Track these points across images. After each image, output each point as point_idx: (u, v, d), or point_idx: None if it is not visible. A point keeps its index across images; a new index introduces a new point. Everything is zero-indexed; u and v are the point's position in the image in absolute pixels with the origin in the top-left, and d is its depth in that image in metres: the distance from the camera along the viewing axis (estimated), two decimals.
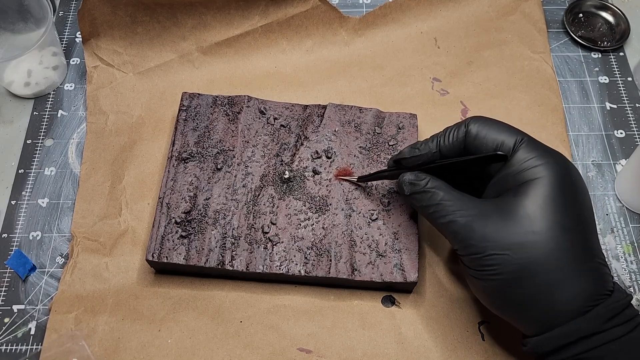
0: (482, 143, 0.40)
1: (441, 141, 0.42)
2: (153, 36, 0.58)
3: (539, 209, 0.36)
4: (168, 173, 0.49)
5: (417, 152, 0.43)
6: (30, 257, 0.49)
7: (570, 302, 0.35)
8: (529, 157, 0.38)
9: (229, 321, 0.46)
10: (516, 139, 0.39)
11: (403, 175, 0.43)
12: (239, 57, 0.60)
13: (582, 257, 0.36)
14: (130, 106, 0.57)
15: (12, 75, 0.57)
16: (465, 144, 0.41)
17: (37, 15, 0.57)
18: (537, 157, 0.38)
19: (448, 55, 0.60)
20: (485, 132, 0.40)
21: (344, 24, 0.60)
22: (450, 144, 0.42)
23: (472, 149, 0.41)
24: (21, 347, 0.46)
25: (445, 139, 0.42)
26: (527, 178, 0.38)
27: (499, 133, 0.40)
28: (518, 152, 0.39)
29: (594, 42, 0.62)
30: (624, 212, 0.52)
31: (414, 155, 0.43)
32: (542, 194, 0.37)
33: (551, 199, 0.36)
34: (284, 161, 0.51)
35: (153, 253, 0.46)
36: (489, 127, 0.41)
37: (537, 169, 0.38)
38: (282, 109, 0.53)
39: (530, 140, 0.40)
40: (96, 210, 0.51)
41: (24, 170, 0.54)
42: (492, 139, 0.40)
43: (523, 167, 0.38)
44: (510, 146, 0.39)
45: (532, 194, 0.37)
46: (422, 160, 0.43)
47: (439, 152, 0.42)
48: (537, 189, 0.37)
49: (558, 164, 0.38)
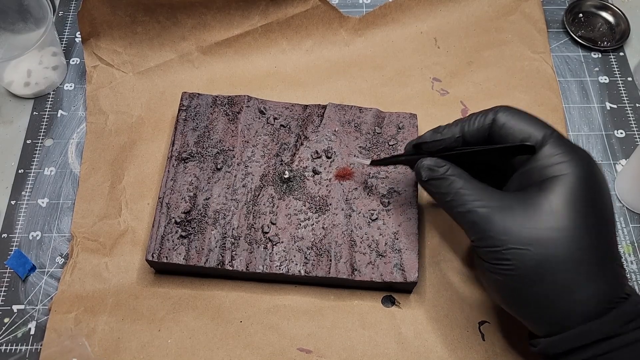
0: (508, 133, 0.39)
1: (466, 127, 0.40)
2: (153, 36, 0.58)
3: (563, 205, 0.35)
4: (168, 173, 0.49)
5: (439, 136, 0.41)
6: (30, 257, 0.49)
7: (586, 304, 0.35)
8: (556, 152, 0.37)
9: (229, 321, 0.46)
10: (545, 132, 0.38)
11: (422, 160, 0.41)
12: (239, 57, 0.59)
13: (602, 258, 0.35)
14: (130, 106, 0.57)
15: (11, 75, 0.57)
16: (490, 132, 0.40)
17: (37, 15, 0.57)
18: (564, 153, 0.37)
19: (448, 55, 0.60)
20: (514, 123, 0.39)
21: (344, 24, 0.60)
22: (475, 131, 0.40)
23: (497, 138, 0.39)
24: (21, 347, 0.46)
25: (471, 124, 0.40)
26: (553, 173, 0.36)
27: (528, 125, 0.39)
28: (546, 147, 0.37)
29: (594, 42, 0.62)
30: (624, 212, 0.52)
31: (435, 140, 0.41)
32: (568, 191, 0.36)
33: (576, 197, 0.35)
34: (284, 161, 0.51)
35: (153, 253, 0.46)
36: (518, 118, 0.39)
37: (564, 165, 0.36)
38: (282, 109, 0.53)
39: (558, 135, 0.38)
40: (96, 210, 0.51)
41: (23, 170, 0.54)
42: (519, 130, 0.38)
43: (550, 162, 0.37)
44: (539, 139, 0.38)
45: (557, 190, 0.36)
46: (443, 145, 0.41)
47: (462, 138, 0.41)
48: (563, 185, 0.36)
49: (585, 162, 0.37)
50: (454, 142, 0.41)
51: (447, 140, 0.41)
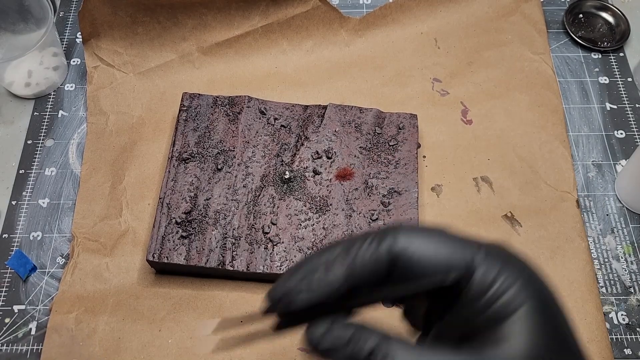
0: (416, 269, 0.26)
1: (352, 271, 0.26)
2: (153, 36, 0.58)
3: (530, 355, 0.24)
4: (168, 173, 0.49)
5: (314, 294, 0.26)
6: (30, 258, 0.49)
7: None
8: (493, 280, 0.26)
9: (229, 324, 0.46)
10: (470, 255, 0.26)
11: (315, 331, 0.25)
12: (240, 58, 0.60)
13: None
14: (130, 106, 0.57)
15: (12, 75, 0.57)
16: (391, 272, 0.26)
17: (37, 16, 0.57)
18: (505, 276, 0.26)
19: (448, 56, 0.60)
20: (419, 252, 0.26)
21: (344, 24, 0.60)
22: (365, 273, 0.26)
23: (401, 278, 0.26)
24: (21, 347, 0.46)
25: (357, 266, 0.26)
26: (499, 314, 0.25)
27: (441, 250, 0.26)
28: (476, 276, 0.26)
29: (594, 43, 0.62)
30: (624, 213, 0.52)
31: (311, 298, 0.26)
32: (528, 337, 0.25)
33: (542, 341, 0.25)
34: (285, 161, 0.51)
35: (153, 253, 0.46)
36: (423, 242, 0.26)
37: (509, 296, 0.25)
38: (283, 109, 0.53)
39: (488, 253, 0.26)
40: (97, 210, 0.51)
41: (24, 170, 0.54)
42: (430, 262, 0.26)
43: (487, 301, 0.25)
44: (463, 269, 0.26)
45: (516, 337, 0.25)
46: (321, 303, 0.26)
47: (350, 286, 0.26)
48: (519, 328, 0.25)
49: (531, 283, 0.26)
50: (336, 295, 0.26)
51: (327, 295, 0.26)
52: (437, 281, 0.26)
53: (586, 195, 0.53)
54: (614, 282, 0.49)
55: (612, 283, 0.49)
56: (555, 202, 0.51)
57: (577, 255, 0.49)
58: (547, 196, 0.52)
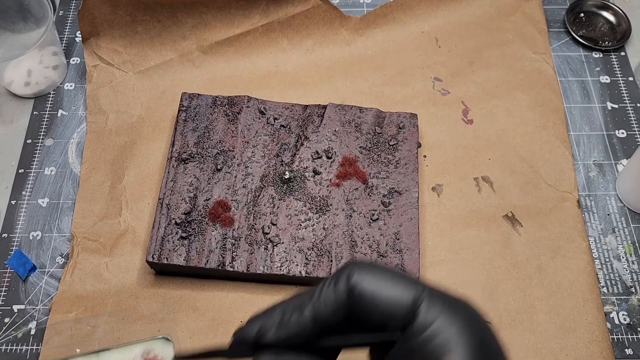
0: (369, 307, 0.29)
1: (318, 311, 0.29)
2: (153, 35, 0.58)
3: None
4: (168, 174, 0.49)
5: (283, 332, 0.29)
6: (30, 257, 0.49)
7: None
8: (431, 321, 0.28)
9: (229, 321, 0.46)
10: (415, 295, 0.29)
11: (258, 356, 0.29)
12: (240, 57, 0.59)
13: None
14: (130, 105, 0.56)
15: (12, 74, 0.57)
16: (349, 307, 0.29)
17: (37, 15, 0.57)
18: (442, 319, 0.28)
19: (449, 55, 0.60)
20: (374, 293, 0.29)
21: (344, 23, 0.60)
22: (331, 314, 0.29)
23: (360, 315, 0.29)
24: (21, 347, 0.46)
25: (323, 307, 0.29)
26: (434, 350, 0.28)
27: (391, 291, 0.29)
28: (420, 313, 0.28)
29: (595, 42, 0.62)
30: (625, 212, 0.52)
31: (282, 338, 0.29)
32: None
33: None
34: (284, 161, 0.50)
35: (153, 254, 0.45)
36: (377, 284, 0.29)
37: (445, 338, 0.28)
38: (282, 109, 0.53)
39: (431, 293, 0.29)
40: (96, 210, 0.51)
41: (24, 170, 0.54)
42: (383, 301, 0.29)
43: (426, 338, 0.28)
44: (409, 307, 0.28)
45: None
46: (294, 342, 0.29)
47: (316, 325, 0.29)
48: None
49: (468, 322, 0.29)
50: (307, 334, 0.29)
51: (298, 337, 0.29)
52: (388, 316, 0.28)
53: (587, 195, 0.53)
54: (615, 282, 0.49)
55: (613, 283, 0.49)
56: (556, 202, 0.51)
57: (578, 255, 0.49)
58: (548, 196, 0.52)
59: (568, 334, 0.45)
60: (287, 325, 0.29)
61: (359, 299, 0.29)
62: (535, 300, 0.47)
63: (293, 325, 0.29)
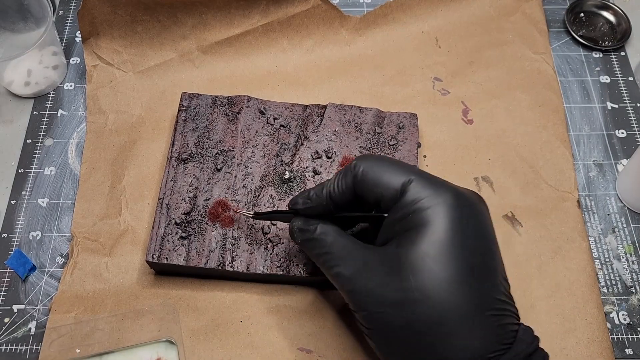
0: (368, 187, 0.37)
1: (331, 190, 0.39)
2: (153, 35, 0.58)
3: (422, 261, 0.33)
4: (167, 174, 0.49)
5: (309, 203, 0.40)
6: (30, 257, 0.49)
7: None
8: (416, 199, 0.34)
9: (229, 321, 0.46)
10: (404, 180, 0.35)
11: (293, 220, 0.40)
12: (240, 57, 0.59)
13: (474, 311, 0.32)
14: (130, 105, 0.56)
15: (12, 74, 0.57)
16: (355, 189, 0.38)
17: (37, 15, 0.57)
18: (426, 199, 0.34)
19: (449, 55, 0.60)
20: (372, 175, 0.37)
21: (344, 23, 0.60)
22: (340, 193, 0.38)
23: (362, 194, 0.38)
24: (21, 347, 0.46)
25: (335, 187, 0.39)
26: (413, 224, 0.34)
27: (385, 174, 0.36)
28: (406, 195, 0.35)
29: (595, 42, 0.62)
30: (625, 212, 0.52)
31: (307, 207, 0.40)
32: (428, 244, 0.33)
33: (437, 250, 0.33)
34: (284, 161, 0.50)
35: (153, 254, 0.45)
36: (375, 169, 0.37)
37: (424, 214, 0.34)
38: (282, 109, 0.53)
39: (419, 179, 0.35)
40: (96, 210, 0.51)
41: (23, 170, 0.54)
42: (376, 183, 0.36)
43: (409, 210, 0.34)
44: (397, 189, 0.35)
45: (417, 243, 0.33)
46: (316, 212, 0.40)
47: (332, 202, 0.39)
48: (423, 237, 0.33)
49: (448, 206, 0.34)
50: (325, 208, 0.39)
51: (318, 208, 0.39)
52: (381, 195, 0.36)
53: (587, 195, 0.53)
54: (615, 282, 0.49)
55: (613, 283, 0.49)
56: (556, 202, 0.51)
57: (578, 255, 0.49)
58: (548, 196, 0.52)
59: (568, 334, 0.45)
60: (311, 198, 0.40)
61: (360, 181, 0.37)
62: (535, 300, 0.47)
63: (314, 199, 0.39)
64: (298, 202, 0.40)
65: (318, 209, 0.39)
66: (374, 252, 0.36)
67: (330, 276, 0.38)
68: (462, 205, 0.34)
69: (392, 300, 0.33)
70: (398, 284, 0.33)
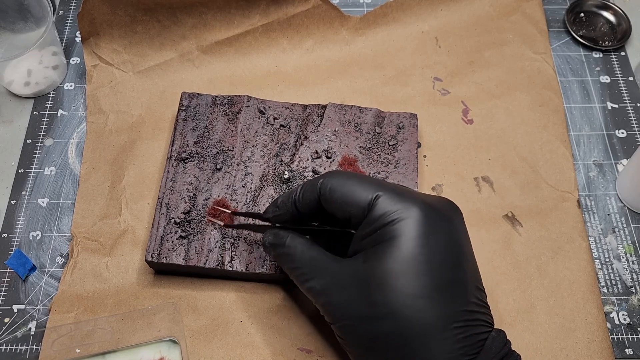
0: (335, 206, 0.37)
1: (296, 199, 0.39)
2: (153, 35, 0.58)
3: (388, 277, 0.33)
4: (167, 173, 0.49)
5: (277, 210, 0.41)
6: (30, 257, 0.49)
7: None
8: (384, 214, 0.34)
9: (229, 321, 0.46)
10: (371, 196, 0.35)
11: (265, 235, 0.41)
12: (240, 57, 0.59)
13: (439, 325, 0.33)
14: (130, 105, 0.57)
15: (12, 74, 0.57)
16: (320, 202, 0.38)
17: (37, 15, 0.57)
18: (394, 213, 0.34)
19: (449, 55, 0.60)
20: (338, 194, 0.37)
21: (344, 23, 0.60)
22: (306, 204, 0.39)
23: (331, 212, 0.38)
24: (21, 347, 0.46)
25: (300, 197, 0.39)
26: (381, 239, 0.34)
27: (351, 193, 0.36)
28: (373, 210, 0.35)
29: (595, 42, 0.62)
30: (625, 212, 0.52)
31: (276, 214, 0.41)
32: (394, 260, 0.33)
33: (403, 266, 0.33)
34: (284, 161, 0.50)
35: (152, 253, 0.45)
36: (342, 187, 0.37)
37: (391, 229, 0.34)
38: (282, 109, 0.53)
39: (387, 194, 0.35)
40: (96, 210, 0.51)
41: (23, 170, 0.54)
42: (344, 201, 0.36)
43: (377, 226, 0.35)
44: (365, 206, 0.35)
45: (383, 259, 0.34)
46: (284, 219, 0.41)
47: (298, 211, 0.40)
48: (390, 253, 0.33)
49: (416, 221, 0.34)
50: (292, 216, 0.40)
51: (285, 215, 0.40)
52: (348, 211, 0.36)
53: (587, 195, 0.53)
54: (615, 282, 0.49)
55: (613, 283, 0.49)
56: (556, 202, 0.51)
57: (578, 255, 0.49)
58: (548, 196, 0.52)
59: (568, 334, 0.45)
60: (279, 206, 0.40)
61: (327, 200, 0.37)
62: (535, 300, 0.47)
63: (282, 206, 0.40)
64: (268, 211, 0.42)
65: (285, 217, 0.40)
66: (343, 266, 0.36)
67: (303, 290, 0.38)
68: (430, 218, 0.34)
69: (361, 315, 0.34)
70: (366, 298, 0.34)
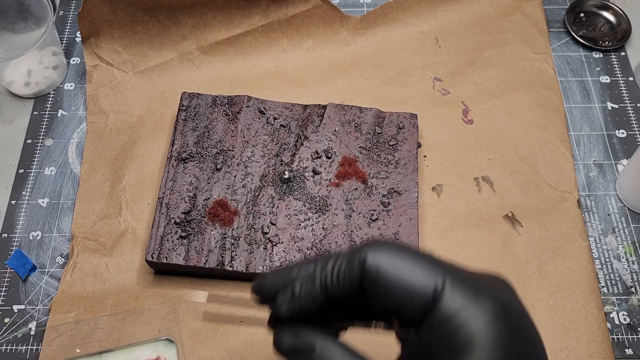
0: (386, 292, 0.27)
1: (329, 284, 0.28)
2: (153, 35, 0.58)
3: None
4: (167, 173, 0.49)
5: (296, 305, 0.28)
6: (30, 257, 0.49)
7: None
8: (455, 309, 0.26)
9: (229, 321, 0.46)
10: (435, 282, 0.26)
11: (278, 334, 0.29)
12: (240, 57, 0.59)
13: None
14: (130, 105, 0.57)
15: (12, 74, 0.57)
16: (363, 285, 0.27)
17: (37, 15, 0.57)
18: (467, 307, 0.26)
19: (449, 55, 0.60)
20: (392, 276, 0.27)
21: (344, 23, 0.60)
22: (341, 290, 0.28)
23: (372, 295, 0.27)
24: (21, 347, 0.46)
25: (334, 281, 0.28)
26: (457, 344, 0.25)
27: (410, 275, 0.27)
28: (441, 304, 0.26)
29: (595, 42, 0.62)
30: (625, 212, 0.52)
31: (293, 309, 0.29)
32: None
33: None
34: (284, 161, 0.50)
35: (152, 253, 0.45)
36: (395, 265, 0.27)
37: (469, 329, 0.25)
38: (282, 109, 0.53)
39: (454, 280, 0.27)
40: (96, 210, 0.51)
41: (24, 170, 0.54)
42: (399, 286, 0.26)
43: (448, 327, 0.26)
44: (429, 296, 0.26)
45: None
46: (307, 313, 0.29)
47: (328, 300, 0.28)
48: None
49: (496, 316, 0.26)
50: (318, 306, 0.28)
51: (312, 309, 0.28)
52: (404, 303, 0.26)
53: (587, 195, 0.53)
54: (615, 282, 0.49)
55: (614, 283, 0.49)
56: (556, 202, 0.51)
57: (578, 255, 0.49)
58: (548, 196, 0.52)
59: (568, 334, 0.45)
60: (299, 297, 0.29)
61: (374, 282, 0.27)
62: (535, 300, 0.47)
63: (304, 297, 0.28)
64: (282, 306, 0.29)
65: (310, 311, 0.29)
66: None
67: None
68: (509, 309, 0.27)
69: None
70: None
